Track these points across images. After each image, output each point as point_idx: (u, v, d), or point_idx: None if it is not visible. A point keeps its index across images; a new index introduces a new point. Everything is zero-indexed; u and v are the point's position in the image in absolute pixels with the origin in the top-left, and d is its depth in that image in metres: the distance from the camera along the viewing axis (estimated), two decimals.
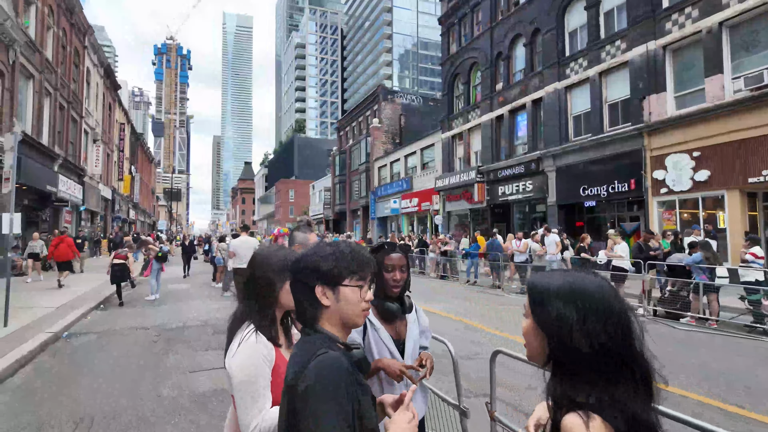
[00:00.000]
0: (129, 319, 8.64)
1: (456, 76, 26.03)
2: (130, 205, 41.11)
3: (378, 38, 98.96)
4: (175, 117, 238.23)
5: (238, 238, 8.64)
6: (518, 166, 20.24)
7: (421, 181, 29.48)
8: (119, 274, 10.27)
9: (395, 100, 37.85)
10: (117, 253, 10.41)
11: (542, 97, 19.29)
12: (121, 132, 34.81)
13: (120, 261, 10.31)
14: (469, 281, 14.21)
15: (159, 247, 11.71)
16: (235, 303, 4.65)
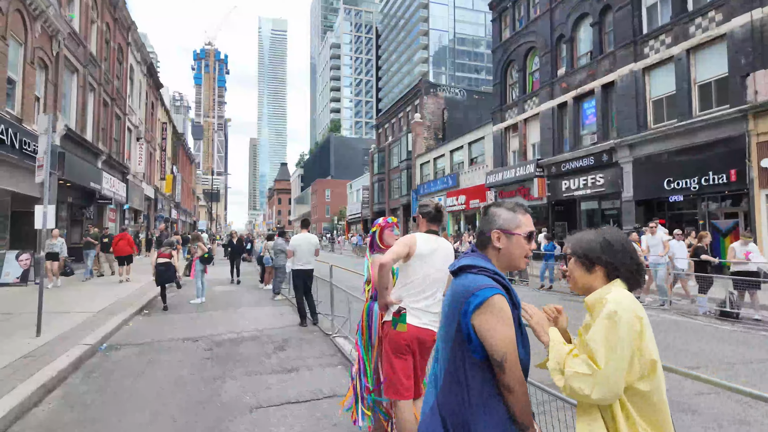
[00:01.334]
0: (175, 327, 7.56)
1: (509, 63, 24.25)
2: (172, 204, 41.27)
3: (414, 35, 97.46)
4: (214, 120, 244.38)
5: (299, 236, 7.41)
6: (586, 158, 18.33)
7: (469, 177, 27.81)
8: (165, 275, 9.27)
9: (438, 94, 36.30)
10: (161, 251, 9.41)
11: (614, 80, 17.33)
12: (163, 131, 34.78)
13: (165, 260, 9.31)
14: (543, 286, 12.55)
15: (208, 247, 10.73)
16: (290, 309, 3.56)
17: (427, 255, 2.80)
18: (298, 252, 7.32)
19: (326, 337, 6.55)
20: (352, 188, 56.21)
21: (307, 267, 7.37)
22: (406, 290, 2.81)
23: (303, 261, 7.33)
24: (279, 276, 10.62)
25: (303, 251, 7.33)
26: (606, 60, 17.82)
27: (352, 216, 54.89)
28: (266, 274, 12.46)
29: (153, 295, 10.68)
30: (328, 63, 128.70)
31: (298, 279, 7.37)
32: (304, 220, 7.60)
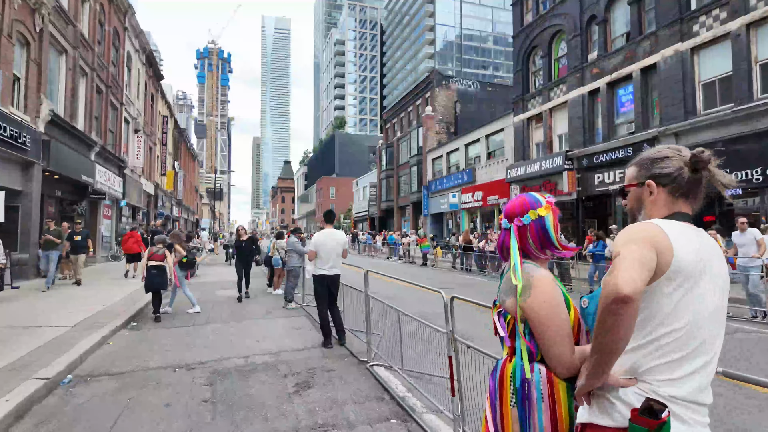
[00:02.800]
0: (166, 347, 6.04)
1: (532, 49, 22.63)
2: (173, 201, 39.83)
3: (419, 31, 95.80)
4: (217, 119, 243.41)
5: (323, 233, 5.87)
6: (623, 149, 16.71)
7: (486, 172, 26.22)
8: (157, 280, 7.75)
9: (450, 86, 34.71)
10: (153, 252, 7.89)
11: (657, 63, 15.71)
12: (163, 125, 33.31)
13: (158, 263, 7.80)
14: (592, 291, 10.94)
15: (188, 247, 8.97)
16: (307, 322, 3.47)
17: (694, 271, 1.27)
18: (322, 253, 5.78)
19: (361, 366, 5.01)
20: (358, 185, 54.68)
21: (333, 272, 5.84)
22: (651, 354, 1.28)
23: (329, 264, 5.79)
24: (291, 280, 9.09)
25: (328, 252, 5.79)
26: (646, 41, 16.19)
27: (358, 214, 53.38)
28: (276, 277, 10.93)
29: (145, 302, 9.17)
30: (332, 60, 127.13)
31: (321, 287, 5.83)
32: (328, 213, 6.04)
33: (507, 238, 1.79)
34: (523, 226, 1.77)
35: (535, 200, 1.78)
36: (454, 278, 15.00)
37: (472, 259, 17.57)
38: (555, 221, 1.72)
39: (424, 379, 4.19)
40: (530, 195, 1.81)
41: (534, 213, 1.75)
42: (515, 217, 1.80)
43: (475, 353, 2.94)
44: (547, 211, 1.74)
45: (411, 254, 22.55)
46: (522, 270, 1.62)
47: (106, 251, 20.08)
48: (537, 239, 1.70)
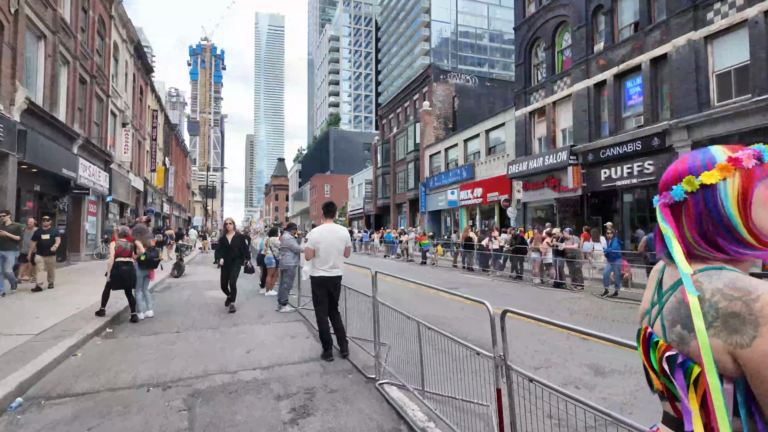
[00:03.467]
0: (142, 358, 5.27)
1: (535, 41, 21.94)
2: (164, 198, 38.83)
3: (415, 27, 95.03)
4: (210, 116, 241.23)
5: (322, 228, 5.10)
6: (631, 143, 16.06)
7: (486, 168, 25.53)
8: (126, 277, 7.01)
9: (448, 81, 33.97)
10: (121, 247, 7.10)
11: (668, 53, 15.06)
12: (153, 119, 32.31)
13: (126, 259, 7.04)
14: (607, 292, 10.28)
15: (150, 245, 7.89)
16: (303, 328, 3.12)
17: None
18: (321, 251, 5.01)
19: (369, 385, 4.26)
20: (353, 183, 53.86)
21: (334, 273, 5.07)
22: None
23: (329, 264, 5.02)
24: (286, 281, 8.32)
25: (328, 250, 5.02)
26: (656, 30, 15.54)
27: (353, 212, 52.58)
28: (268, 276, 10.14)
29: (125, 304, 8.36)
30: (326, 56, 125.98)
31: (320, 290, 5.07)
32: (328, 205, 5.27)
33: (662, 226, 1.06)
34: (675, 204, 1.03)
35: (704, 159, 1.04)
36: (457, 278, 14.28)
37: (474, 257, 16.86)
38: (745, 189, 0.97)
39: (451, 404, 3.45)
40: (703, 151, 1.07)
41: (692, 181, 1.01)
42: (666, 188, 1.07)
43: (534, 385, 2.20)
44: (724, 173, 1.00)
45: (410, 252, 21.81)
46: (712, 280, 0.88)
47: (91, 249, 19.17)
48: (698, 225, 0.96)
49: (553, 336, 6.10)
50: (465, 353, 2.97)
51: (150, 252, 7.44)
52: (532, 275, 12.89)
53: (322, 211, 5.22)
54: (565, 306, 8.90)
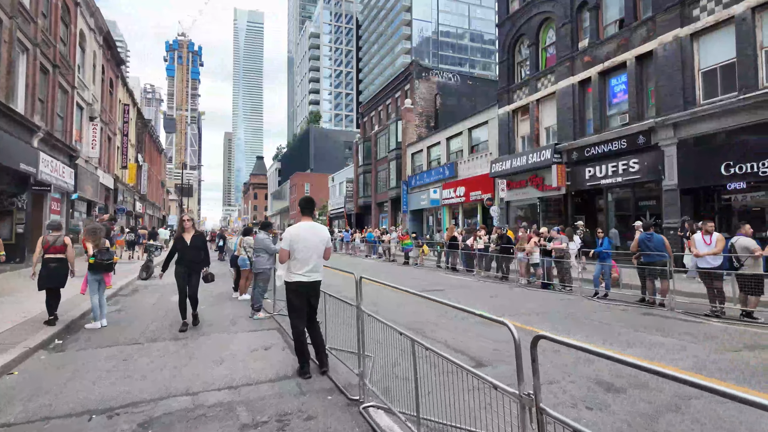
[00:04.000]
0: (92, 377, 4.59)
1: (518, 38, 21.65)
2: (136, 196, 37.39)
3: (396, 25, 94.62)
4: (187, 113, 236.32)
5: (300, 226, 4.49)
6: (617, 141, 15.87)
7: (469, 166, 25.19)
8: (54, 275, 6.37)
9: (430, 78, 33.57)
10: (49, 243, 6.43)
11: (653, 50, 14.89)
12: (124, 114, 30.96)
13: (57, 256, 6.37)
14: (597, 294, 9.92)
15: (104, 247, 6.92)
16: (278, 337, 2.67)
17: None
18: (298, 252, 4.41)
19: (352, 408, 3.68)
20: (334, 181, 53.06)
21: (312, 277, 4.47)
22: None
23: (307, 267, 4.42)
24: (260, 285, 7.66)
25: (306, 251, 4.41)
26: (642, 27, 15.36)
27: (334, 210, 51.80)
28: (242, 279, 9.45)
29: (82, 310, 7.60)
30: (306, 53, 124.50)
31: (297, 298, 4.46)
32: (306, 201, 4.66)
33: None
34: None
35: None
36: (442, 279, 13.80)
37: (458, 257, 16.42)
38: None
39: None
40: None
41: None
42: None
43: None
44: None
45: (392, 252, 21.27)
46: None
47: None
48: None
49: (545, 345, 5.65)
50: (476, 383, 2.42)
51: (101, 254, 6.68)
52: (519, 276, 12.49)
53: (299, 208, 4.61)
54: (562, 310, 8.49)
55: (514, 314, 7.71)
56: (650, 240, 8.75)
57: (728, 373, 4.55)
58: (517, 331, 1.89)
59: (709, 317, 7.59)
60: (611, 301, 9.38)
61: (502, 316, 7.18)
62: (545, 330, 6.32)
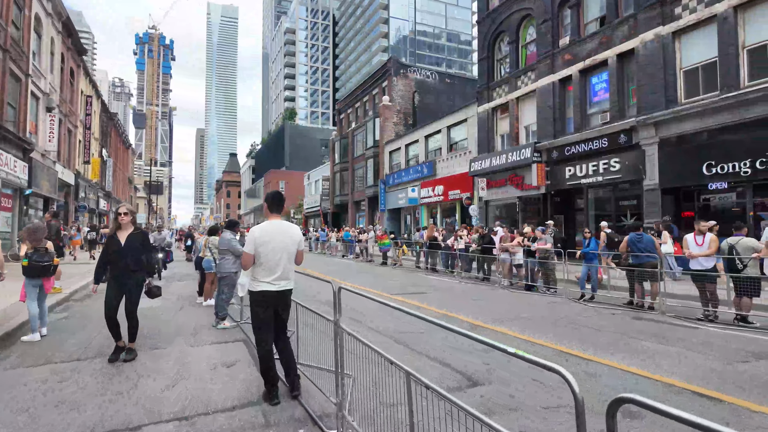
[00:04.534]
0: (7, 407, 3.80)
1: (498, 35, 21.35)
2: (100, 193, 35.61)
3: (373, 23, 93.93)
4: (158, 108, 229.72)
5: (266, 226, 3.82)
6: (598, 140, 15.68)
7: (447, 165, 24.80)
8: None
9: (408, 75, 33.07)
10: None
11: (635, 48, 14.73)
12: (87, 106, 29.33)
13: None
14: (583, 296, 9.56)
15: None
16: (245, 351, 2.68)
17: None
18: (265, 257, 3.74)
19: None
20: (309, 179, 52.06)
21: (281, 286, 3.80)
22: None
23: (276, 274, 3.76)
24: (224, 290, 6.93)
25: (274, 255, 3.75)
26: (624, 25, 15.19)
27: (310, 209, 50.82)
28: (207, 283, 8.67)
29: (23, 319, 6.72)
30: (282, 49, 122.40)
31: (263, 309, 3.78)
32: (274, 197, 3.99)
33: None
34: None
35: None
36: (421, 280, 13.27)
37: (438, 257, 15.94)
38: None
39: None
40: None
41: None
42: None
43: None
44: None
45: (369, 252, 20.66)
46: None
47: (6, 249, 16.68)
48: None
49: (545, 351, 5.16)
50: None
51: (37, 255, 5.83)
52: (501, 277, 12.07)
53: (266, 204, 3.94)
54: (552, 314, 8.05)
55: (505, 320, 7.23)
56: (640, 241, 8.41)
57: (749, 391, 4.12)
58: (509, 339, 1.32)
59: (702, 321, 7.28)
60: (598, 304, 9.02)
61: (493, 322, 6.66)
62: (548, 340, 5.83)
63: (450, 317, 7.48)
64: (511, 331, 6.37)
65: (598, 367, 4.72)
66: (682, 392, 4.03)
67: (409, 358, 5.04)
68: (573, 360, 4.93)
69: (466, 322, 7.07)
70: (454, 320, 7.24)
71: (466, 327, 6.70)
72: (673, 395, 3.95)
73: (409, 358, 5.01)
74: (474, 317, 7.42)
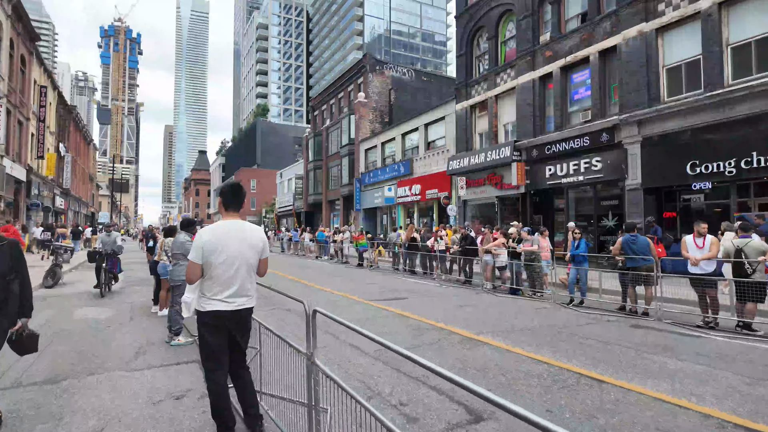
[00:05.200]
0: None
1: (477, 31, 20.87)
2: (56, 190, 33.46)
3: (347, 20, 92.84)
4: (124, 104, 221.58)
5: (218, 228, 2.98)
6: (579, 138, 15.33)
7: (425, 163, 24.20)
8: None
9: (384, 72, 32.36)
10: None
11: (617, 45, 14.43)
12: (41, 97, 27.38)
13: None
14: (572, 301, 9.04)
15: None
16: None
17: None
18: (216, 267, 2.92)
19: None
20: (282, 177, 50.70)
21: (238, 305, 2.97)
22: None
23: (231, 289, 2.94)
24: (179, 301, 5.99)
25: (228, 265, 2.92)
26: (606, 21, 14.88)
27: (282, 209, 49.48)
28: (163, 290, 7.69)
29: None
30: (254, 45, 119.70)
31: (215, 336, 2.95)
32: (233, 189, 3.14)
33: None
34: None
35: None
36: (400, 284, 12.54)
37: (417, 259, 15.27)
38: None
39: None
40: None
41: None
42: None
43: None
44: None
45: (344, 253, 19.82)
46: None
47: None
48: None
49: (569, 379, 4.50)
50: None
51: None
52: (484, 280, 11.47)
53: (221, 199, 3.12)
54: (544, 322, 7.45)
55: (500, 331, 6.57)
56: (634, 242, 7.92)
57: None
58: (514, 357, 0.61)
59: (703, 329, 6.82)
60: (590, 310, 8.50)
61: (490, 335, 5.95)
62: (560, 358, 5.16)
63: (439, 328, 6.77)
64: (516, 347, 5.69)
65: (627, 395, 4.07)
66: (731, 427, 3.43)
67: (398, 383, 4.29)
68: (606, 387, 4.26)
69: (457, 334, 6.38)
70: (444, 331, 6.54)
71: (458, 339, 6.00)
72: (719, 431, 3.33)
73: (398, 384, 4.27)
74: (466, 328, 6.73)
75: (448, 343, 5.84)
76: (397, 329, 6.66)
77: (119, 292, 10.60)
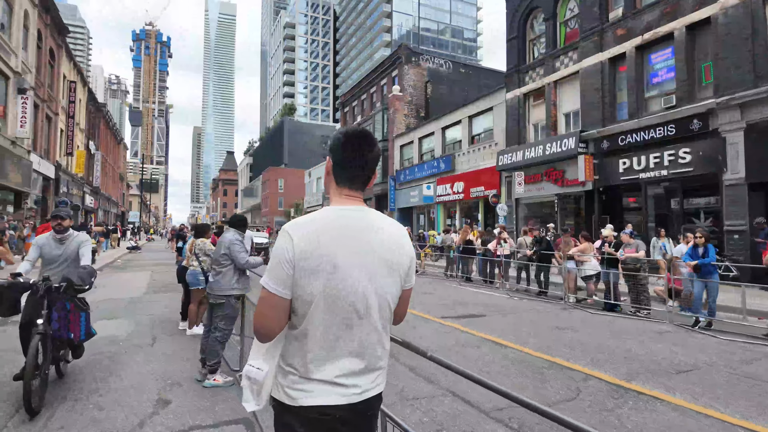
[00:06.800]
0: None
1: (531, 11, 18.93)
2: (86, 189, 32.99)
3: (375, 18, 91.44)
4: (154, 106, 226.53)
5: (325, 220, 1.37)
6: (661, 126, 13.27)
7: (468, 159, 22.35)
8: None
9: (421, 64, 30.63)
10: None
11: (712, 16, 12.34)
12: (70, 92, 26.74)
13: None
14: (699, 323, 7.13)
15: None
16: None
17: None
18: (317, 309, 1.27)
19: None
20: (311, 177, 49.52)
21: (360, 390, 1.32)
22: None
23: (344, 360, 1.29)
24: (220, 324, 4.41)
25: (341, 303, 1.29)
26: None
27: (310, 208, 48.29)
28: (193, 303, 6.17)
29: None
30: (281, 44, 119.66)
31: None
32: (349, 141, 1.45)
33: None
34: None
35: None
36: (464, 295, 10.79)
37: (474, 264, 13.46)
38: None
39: None
40: None
41: None
42: None
43: None
44: None
45: None
46: None
47: None
48: None
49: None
50: None
51: None
52: (567, 292, 9.62)
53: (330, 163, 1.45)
54: (695, 358, 5.62)
55: (645, 371, 4.80)
56: None
57: None
58: None
59: None
60: (723, 334, 6.61)
61: (631, 376, 4.15)
62: (757, 421, 3.36)
63: (559, 365, 5.03)
64: (707, 408, 3.92)
65: None
66: None
67: None
68: None
69: (594, 377, 4.63)
70: (571, 372, 4.80)
71: (603, 388, 4.24)
72: None
73: None
74: (594, 366, 4.98)
75: (594, 398, 4.09)
76: (502, 367, 4.95)
77: (139, 299, 9.20)
